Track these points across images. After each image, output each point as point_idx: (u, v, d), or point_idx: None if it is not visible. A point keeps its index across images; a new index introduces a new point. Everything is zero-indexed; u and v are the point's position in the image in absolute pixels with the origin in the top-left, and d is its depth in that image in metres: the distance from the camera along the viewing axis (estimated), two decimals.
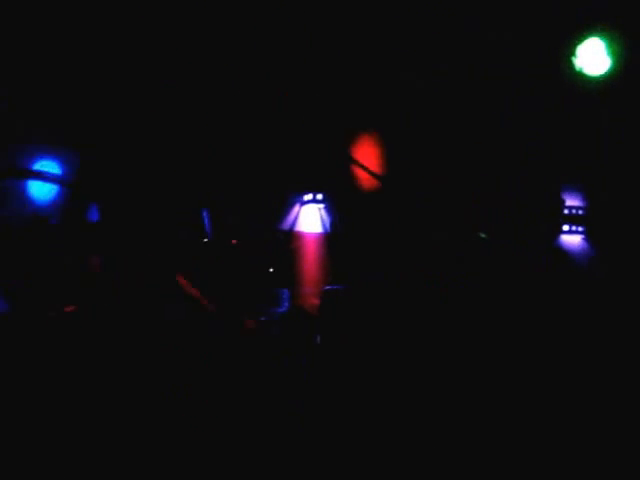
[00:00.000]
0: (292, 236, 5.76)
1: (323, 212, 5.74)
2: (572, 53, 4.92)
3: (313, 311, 5.26)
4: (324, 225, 5.74)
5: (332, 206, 5.76)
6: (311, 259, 5.65)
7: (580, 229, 5.49)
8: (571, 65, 4.95)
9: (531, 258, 5.33)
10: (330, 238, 5.74)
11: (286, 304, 5.57)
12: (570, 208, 5.52)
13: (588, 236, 5.51)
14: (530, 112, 5.22)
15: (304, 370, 4.60)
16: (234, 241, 5.37)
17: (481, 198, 5.49)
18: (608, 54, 4.97)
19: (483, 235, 5.39)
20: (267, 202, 5.56)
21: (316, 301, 5.33)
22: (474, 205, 5.48)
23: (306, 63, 5.28)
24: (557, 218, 5.47)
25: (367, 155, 5.59)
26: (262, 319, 5.02)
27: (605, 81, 4.97)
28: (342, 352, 4.88)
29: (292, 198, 5.77)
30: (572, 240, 5.58)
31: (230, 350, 4.41)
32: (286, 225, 5.76)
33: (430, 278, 5.26)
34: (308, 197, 5.77)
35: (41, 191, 5.18)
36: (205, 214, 5.29)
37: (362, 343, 4.89)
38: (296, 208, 5.77)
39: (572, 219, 5.50)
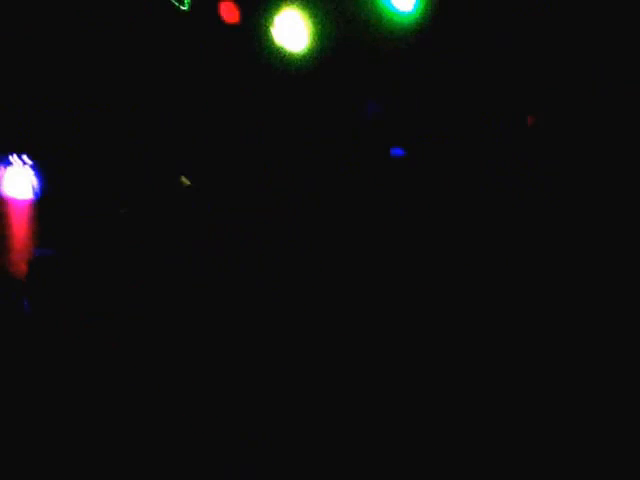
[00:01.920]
0: None
1: (31, 175, 5.56)
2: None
3: (21, 277, 5.13)
4: (32, 189, 5.57)
5: (41, 169, 5.60)
6: (18, 225, 5.47)
7: None
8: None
9: None
10: (39, 203, 5.59)
11: None
12: None
13: None
14: None
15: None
16: None
17: None
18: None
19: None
20: None
21: (24, 267, 5.20)
22: None
23: None
24: None
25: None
26: None
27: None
28: (54, 318, 4.82)
29: None
30: None
31: None
32: None
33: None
34: (13, 159, 5.55)
35: None
36: None
37: (74, 309, 4.86)
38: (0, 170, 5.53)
39: None
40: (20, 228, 5.41)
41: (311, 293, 4.84)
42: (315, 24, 5.15)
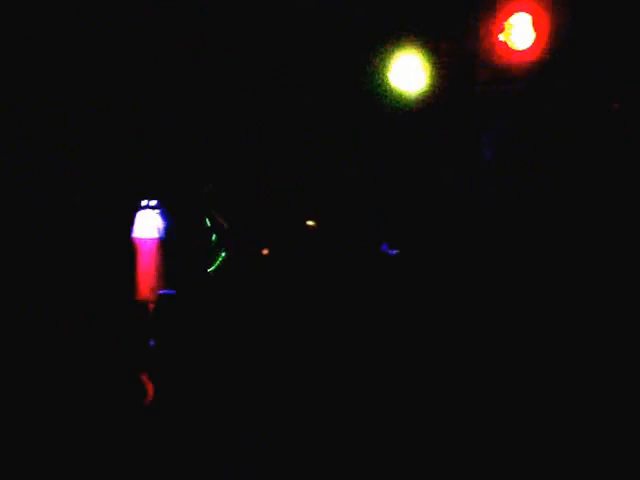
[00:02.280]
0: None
1: (157, 217, 5.79)
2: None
3: (148, 316, 5.34)
4: (158, 230, 5.80)
5: (166, 212, 5.82)
6: (146, 265, 5.70)
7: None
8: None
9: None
10: (164, 244, 5.81)
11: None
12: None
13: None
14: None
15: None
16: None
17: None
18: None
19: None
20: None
21: (151, 306, 5.41)
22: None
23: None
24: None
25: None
26: None
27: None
28: (177, 355, 5.00)
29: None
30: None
31: None
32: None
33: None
34: (142, 202, 5.79)
35: None
36: None
37: (196, 346, 5.04)
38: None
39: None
40: (146, 268, 5.64)
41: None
42: (430, 66, 5.20)
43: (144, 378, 4.51)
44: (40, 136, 5.10)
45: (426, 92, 5.28)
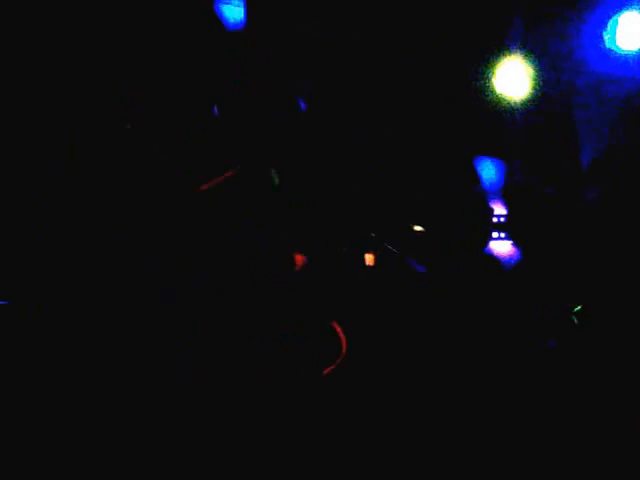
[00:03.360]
0: None
1: None
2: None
3: None
4: None
5: None
6: None
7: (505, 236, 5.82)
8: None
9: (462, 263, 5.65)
10: None
11: None
12: (498, 216, 5.86)
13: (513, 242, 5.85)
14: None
15: None
16: None
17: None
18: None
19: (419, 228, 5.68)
20: None
21: None
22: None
23: None
24: (486, 226, 5.80)
25: None
26: None
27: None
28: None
29: None
30: (500, 247, 5.94)
31: None
32: None
33: None
34: None
35: None
36: None
37: None
38: None
39: (499, 227, 5.86)
40: None
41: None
42: (535, 70, 5.28)
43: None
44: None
45: (530, 98, 5.36)
